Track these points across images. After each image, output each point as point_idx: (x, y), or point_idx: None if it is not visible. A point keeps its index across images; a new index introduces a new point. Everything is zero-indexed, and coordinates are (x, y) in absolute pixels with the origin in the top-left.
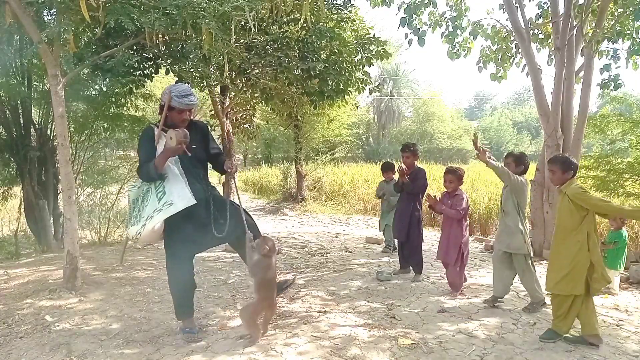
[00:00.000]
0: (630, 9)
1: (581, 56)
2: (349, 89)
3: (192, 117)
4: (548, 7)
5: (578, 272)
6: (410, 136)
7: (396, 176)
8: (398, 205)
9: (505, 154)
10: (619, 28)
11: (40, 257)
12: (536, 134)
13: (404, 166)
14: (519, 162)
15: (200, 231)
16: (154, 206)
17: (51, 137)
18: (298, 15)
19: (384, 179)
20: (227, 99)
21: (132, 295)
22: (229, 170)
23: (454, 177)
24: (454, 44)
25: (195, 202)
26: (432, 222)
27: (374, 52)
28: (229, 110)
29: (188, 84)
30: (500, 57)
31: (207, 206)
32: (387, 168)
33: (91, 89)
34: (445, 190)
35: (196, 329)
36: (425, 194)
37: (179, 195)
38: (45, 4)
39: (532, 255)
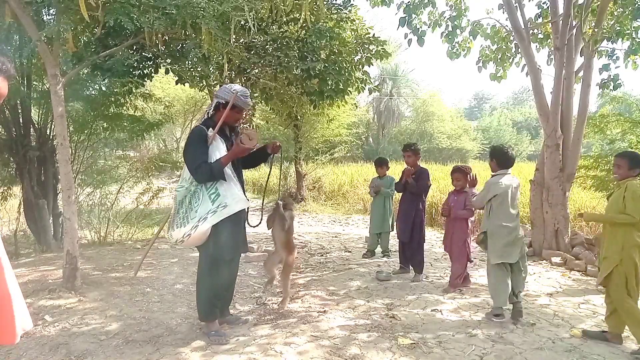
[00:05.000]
0: (630, 8)
1: (581, 56)
2: (349, 88)
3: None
4: (547, 7)
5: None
6: (409, 136)
7: (389, 172)
8: (401, 206)
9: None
10: (618, 28)
11: (39, 257)
12: (536, 134)
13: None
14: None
15: (241, 234)
16: (208, 208)
17: (51, 137)
18: (298, 15)
19: (377, 175)
20: None
21: (131, 295)
22: (275, 150)
23: (460, 175)
24: (453, 44)
25: (248, 204)
26: (433, 222)
27: (373, 52)
28: None
29: (187, 83)
30: (499, 57)
31: (244, 210)
32: (381, 163)
33: (90, 89)
34: (455, 188)
35: (222, 331)
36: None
37: (233, 197)
38: (44, 4)
39: (498, 262)
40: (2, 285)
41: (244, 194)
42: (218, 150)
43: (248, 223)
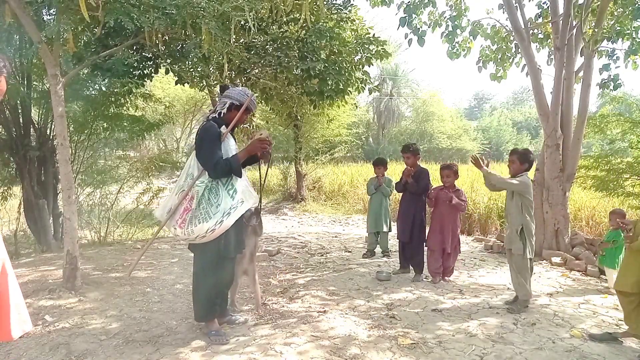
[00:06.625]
0: (630, 8)
1: (581, 56)
2: (349, 88)
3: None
4: (548, 7)
5: None
6: (410, 136)
7: (387, 173)
8: (401, 206)
9: (510, 150)
10: (618, 28)
11: (39, 257)
12: (536, 134)
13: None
14: (523, 159)
15: (242, 232)
16: (229, 203)
17: (51, 137)
18: (298, 15)
19: (375, 175)
20: None
21: (131, 295)
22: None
23: (450, 172)
24: (453, 44)
25: (258, 200)
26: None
27: (373, 52)
28: None
29: (187, 83)
30: (500, 57)
31: None
32: (379, 163)
33: (91, 89)
34: (443, 185)
35: (222, 331)
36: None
37: (247, 193)
38: (44, 4)
39: (531, 257)
40: (2, 285)
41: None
42: (229, 147)
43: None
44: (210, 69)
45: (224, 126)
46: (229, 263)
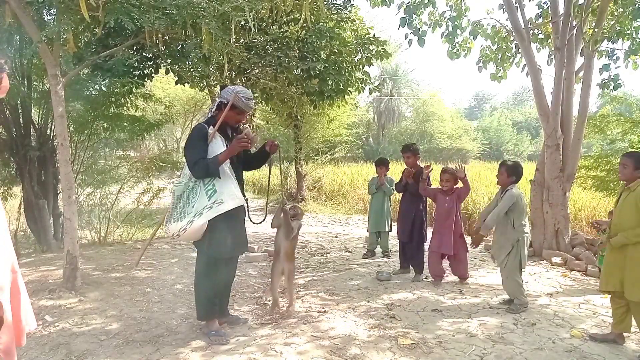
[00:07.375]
0: (630, 8)
1: (581, 56)
2: (349, 89)
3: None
4: (548, 7)
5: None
6: (410, 136)
7: (389, 173)
8: (401, 206)
9: (500, 162)
10: (618, 28)
11: (40, 257)
12: (536, 134)
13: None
14: (511, 172)
15: (240, 233)
16: (204, 203)
17: (51, 137)
18: (298, 15)
19: (377, 174)
20: None
21: (131, 295)
22: (273, 148)
23: (449, 176)
24: (454, 44)
25: (244, 203)
26: (433, 222)
27: (373, 52)
28: None
29: (187, 83)
30: (500, 57)
31: (243, 210)
32: (381, 163)
33: (91, 89)
34: (442, 188)
35: (222, 331)
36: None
37: (229, 194)
38: (45, 4)
39: (524, 269)
40: (14, 286)
41: (243, 193)
42: (217, 148)
43: (251, 220)
44: (211, 69)
45: (211, 126)
46: (226, 263)
